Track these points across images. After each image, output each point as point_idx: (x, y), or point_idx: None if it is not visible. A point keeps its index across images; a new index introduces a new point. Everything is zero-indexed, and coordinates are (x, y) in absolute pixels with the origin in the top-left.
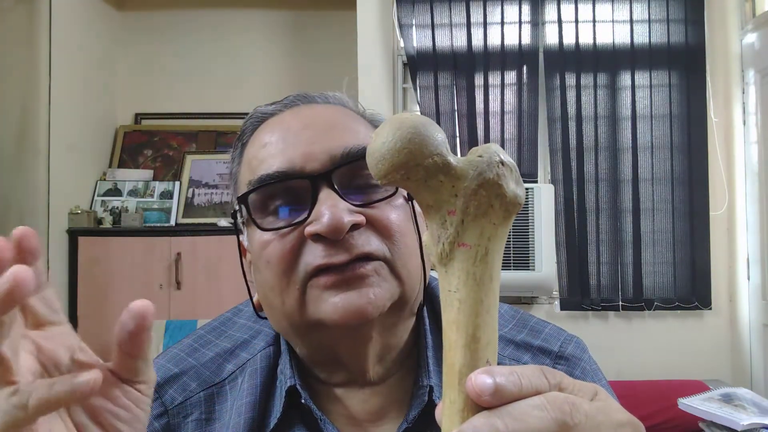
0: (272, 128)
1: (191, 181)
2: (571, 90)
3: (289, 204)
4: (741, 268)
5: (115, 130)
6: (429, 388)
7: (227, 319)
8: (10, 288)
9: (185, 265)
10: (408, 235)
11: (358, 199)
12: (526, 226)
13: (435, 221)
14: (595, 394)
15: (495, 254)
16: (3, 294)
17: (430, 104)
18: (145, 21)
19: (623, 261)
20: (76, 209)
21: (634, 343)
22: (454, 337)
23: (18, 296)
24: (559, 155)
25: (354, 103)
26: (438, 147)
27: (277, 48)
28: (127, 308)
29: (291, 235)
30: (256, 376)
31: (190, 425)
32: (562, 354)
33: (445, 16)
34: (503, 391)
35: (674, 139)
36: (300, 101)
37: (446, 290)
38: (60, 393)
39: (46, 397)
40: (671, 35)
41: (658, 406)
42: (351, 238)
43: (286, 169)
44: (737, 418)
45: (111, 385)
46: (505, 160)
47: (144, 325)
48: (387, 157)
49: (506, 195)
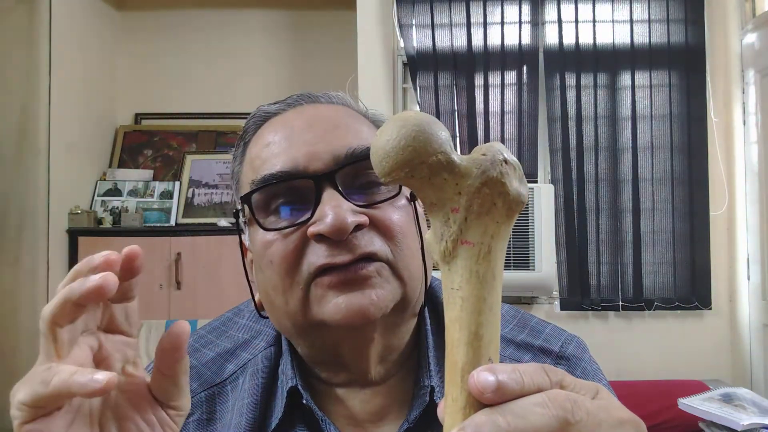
0: (275, 128)
1: (191, 181)
2: (571, 90)
3: (292, 204)
4: (741, 268)
5: (115, 130)
6: (430, 389)
7: (228, 320)
8: (97, 285)
9: (185, 265)
10: (410, 236)
11: (362, 199)
12: (526, 226)
13: (438, 219)
14: (596, 392)
15: (498, 252)
16: (90, 288)
17: (430, 104)
18: (145, 21)
19: (623, 261)
20: (76, 209)
21: (634, 343)
22: (457, 334)
23: (98, 294)
24: (559, 155)
25: (357, 103)
26: (442, 145)
27: (277, 48)
28: (168, 329)
29: (294, 235)
30: (257, 377)
31: (191, 425)
32: (562, 354)
33: (445, 16)
34: (505, 389)
35: (674, 139)
36: (304, 101)
37: (449, 288)
38: (76, 382)
39: (64, 382)
40: (671, 35)
41: (658, 406)
42: (354, 238)
43: (290, 169)
44: (737, 418)
45: (144, 400)
46: (508, 159)
47: (177, 343)
48: (391, 154)
49: (509, 193)
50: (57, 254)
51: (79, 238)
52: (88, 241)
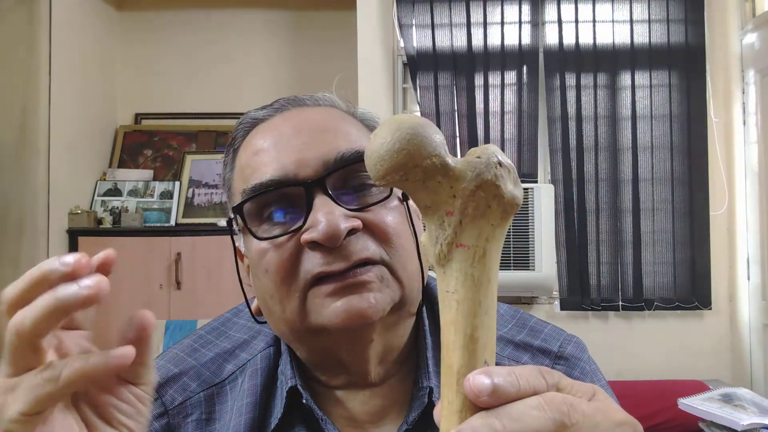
0: (263, 134)
1: (191, 181)
2: (571, 90)
3: (284, 211)
4: (741, 268)
5: (115, 130)
6: (429, 390)
7: (227, 320)
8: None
9: (185, 265)
10: (404, 236)
11: (354, 202)
12: (526, 226)
13: (433, 222)
14: (593, 394)
15: (493, 255)
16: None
17: (430, 104)
18: (145, 21)
19: (623, 261)
20: (76, 209)
21: (634, 343)
22: (452, 338)
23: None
24: (559, 155)
25: (345, 103)
26: (436, 148)
27: (277, 48)
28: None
29: (288, 243)
30: (256, 377)
31: (191, 425)
32: (561, 354)
33: (445, 16)
34: (501, 392)
35: (674, 139)
36: (290, 105)
37: (444, 291)
38: (96, 364)
39: (82, 369)
40: (671, 35)
41: (658, 406)
42: (348, 244)
43: (280, 176)
44: (737, 418)
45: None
46: (503, 161)
47: (143, 335)
48: (386, 158)
49: (504, 196)
50: (57, 254)
51: (79, 238)
52: (88, 241)
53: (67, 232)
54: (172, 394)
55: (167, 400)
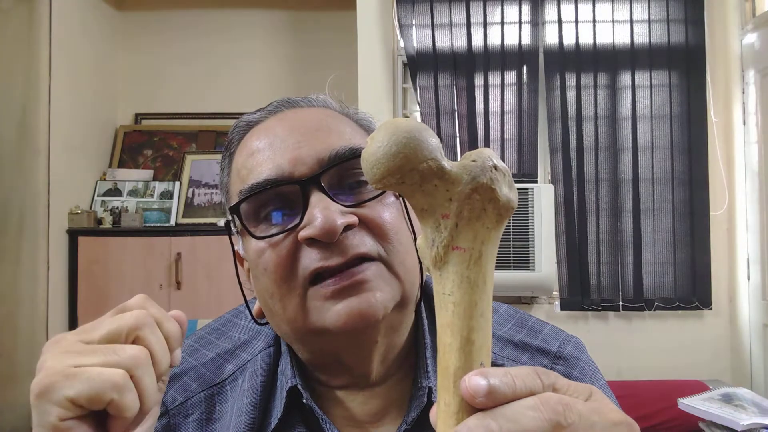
0: (258, 136)
1: (191, 181)
2: (571, 90)
3: (281, 210)
4: (741, 268)
5: (115, 130)
6: (428, 390)
7: (228, 321)
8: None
9: (185, 265)
10: (402, 232)
11: (349, 199)
12: (526, 226)
13: (429, 225)
14: (590, 394)
15: (488, 257)
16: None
17: (430, 104)
18: (145, 21)
19: (623, 261)
20: (76, 209)
21: (634, 343)
22: (449, 340)
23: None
24: (559, 155)
25: (338, 104)
26: (432, 152)
27: (277, 48)
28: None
29: (286, 241)
30: (256, 377)
31: (191, 425)
32: (560, 354)
33: (445, 16)
34: (497, 393)
35: (674, 140)
36: (284, 106)
37: (440, 293)
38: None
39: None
40: (671, 35)
41: (658, 406)
42: (345, 239)
43: (275, 176)
44: (737, 418)
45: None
46: (498, 165)
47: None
48: (382, 161)
49: (499, 199)
50: (57, 254)
51: (79, 238)
52: (88, 241)
53: (67, 232)
54: (172, 394)
55: (167, 400)
